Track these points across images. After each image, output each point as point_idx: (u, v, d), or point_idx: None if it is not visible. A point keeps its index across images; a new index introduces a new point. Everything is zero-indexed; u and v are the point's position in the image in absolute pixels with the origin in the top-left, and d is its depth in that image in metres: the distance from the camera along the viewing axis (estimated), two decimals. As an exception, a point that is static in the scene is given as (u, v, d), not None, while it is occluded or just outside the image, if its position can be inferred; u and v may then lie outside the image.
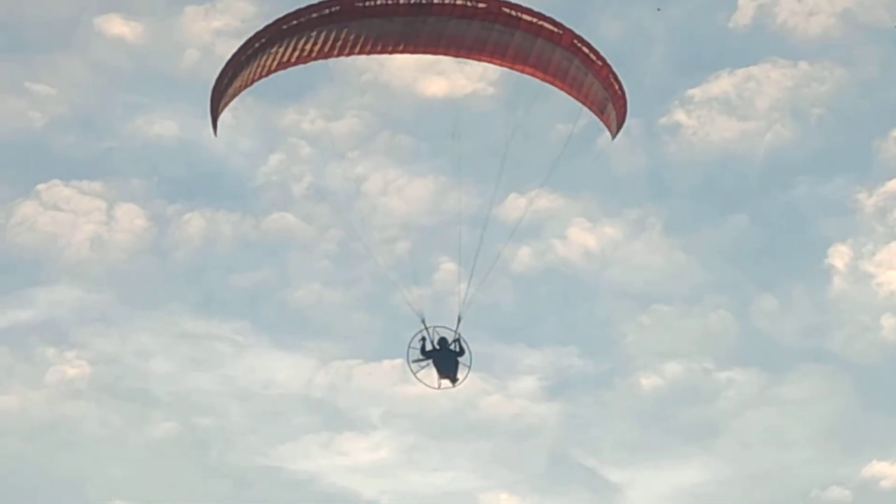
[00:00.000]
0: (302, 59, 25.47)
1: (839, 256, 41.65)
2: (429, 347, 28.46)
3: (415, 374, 28.25)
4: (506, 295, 41.20)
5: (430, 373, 27.77)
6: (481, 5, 25.57)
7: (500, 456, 39.65)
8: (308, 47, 25.48)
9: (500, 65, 26.84)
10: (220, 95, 25.73)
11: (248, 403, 40.23)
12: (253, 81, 25.61)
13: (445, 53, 26.20)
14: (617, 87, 27.38)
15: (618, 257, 42.19)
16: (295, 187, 42.56)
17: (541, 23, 26.22)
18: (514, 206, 36.68)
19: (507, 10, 25.81)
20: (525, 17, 26.06)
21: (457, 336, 28.23)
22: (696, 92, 43.29)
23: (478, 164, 30.73)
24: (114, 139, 43.59)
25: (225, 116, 36.44)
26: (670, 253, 42.07)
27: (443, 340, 28.43)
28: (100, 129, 43.71)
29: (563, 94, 27.43)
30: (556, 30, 26.35)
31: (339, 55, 25.72)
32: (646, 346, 40.99)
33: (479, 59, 26.56)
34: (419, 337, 28.35)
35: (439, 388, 28.48)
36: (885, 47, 43.93)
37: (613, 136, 28.70)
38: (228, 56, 25.18)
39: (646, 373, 40.17)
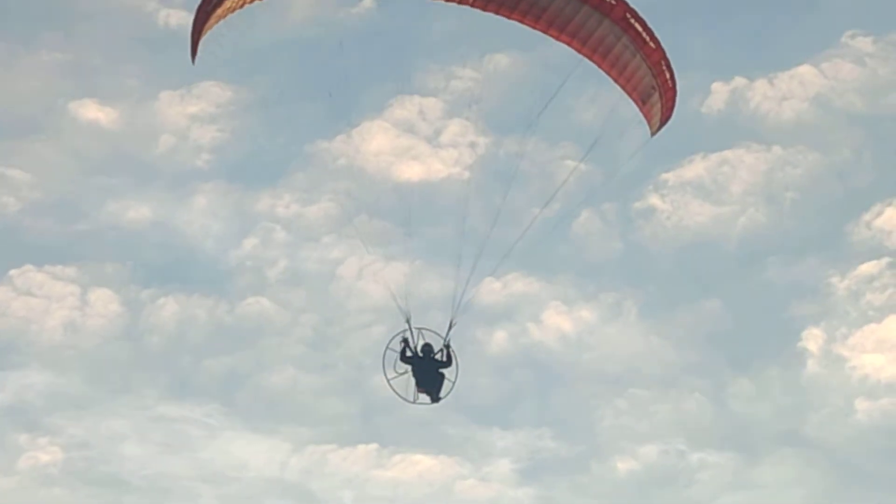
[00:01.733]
0: None
1: (813, 340, 42.64)
2: (410, 353, 26.39)
3: (389, 381, 26.09)
4: (481, 378, 41.47)
5: (409, 383, 26.00)
6: None
7: (477, 542, 42.26)
8: None
9: (534, 27, 24.90)
10: (203, 21, 24.43)
11: (221, 487, 40.99)
12: (235, 9, 24.42)
13: (509, 16, 24.58)
14: (668, 75, 25.51)
15: (593, 341, 43.16)
16: (269, 271, 43.71)
17: None
18: (490, 289, 39.91)
19: None
20: None
21: (446, 343, 26.11)
22: (669, 176, 44.50)
23: (453, 247, 28.43)
24: (88, 224, 44.56)
25: (199, 200, 39.38)
26: (646, 336, 43.46)
27: (427, 347, 26.30)
28: (74, 214, 44.76)
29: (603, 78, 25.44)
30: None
31: None
32: (621, 430, 41.88)
33: (511, 17, 24.84)
34: (400, 338, 26.19)
35: (415, 402, 26.37)
36: (858, 131, 45.64)
37: (654, 133, 26.74)
38: None
39: (622, 456, 41.27)
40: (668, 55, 24.94)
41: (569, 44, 24.89)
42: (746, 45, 46.83)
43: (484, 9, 24.43)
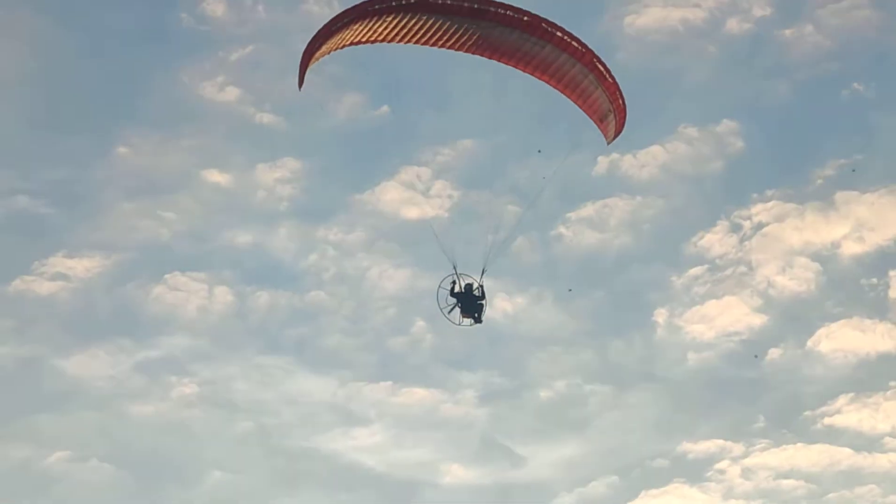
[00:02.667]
0: (373, 40, 27.04)
1: (660, 316, 49.33)
2: (457, 289, 29.73)
3: (442, 309, 29.47)
4: (454, 340, 47.89)
5: (454, 312, 29.49)
6: (525, 18, 27.40)
7: (453, 441, 47.33)
8: (381, 30, 26.95)
9: (524, 70, 28.49)
10: (308, 58, 27.10)
11: (295, 408, 47.71)
12: (331, 51, 27.13)
13: (483, 55, 28.01)
14: (621, 101, 28.98)
15: (525, 317, 49.36)
16: (324, 275, 50.14)
17: (569, 40, 27.94)
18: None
19: (544, 25, 27.57)
20: (558, 33, 27.74)
21: (480, 283, 29.76)
22: (572, 215, 50.36)
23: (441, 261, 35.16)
24: (213, 246, 51.23)
25: (281, 231, 45.35)
26: (558, 315, 49.85)
27: (468, 286, 29.87)
28: (204, 240, 51.30)
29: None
30: (580, 48, 27.99)
31: (403, 41, 27.28)
32: (542, 372, 48.59)
33: (508, 63, 28.34)
34: (450, 280, 29.68)
35: (460, 324, 29.90)
36: (688, 186, 51.52)
37: (609, 142, 30.06)
38: (319, 28, 27.02)
39: (542, 388, 48.20)
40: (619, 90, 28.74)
41: (548, 82, 28.70)
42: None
43: (490, 57, 28.06)
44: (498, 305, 47.76)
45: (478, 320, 29.93)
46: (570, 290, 50.75)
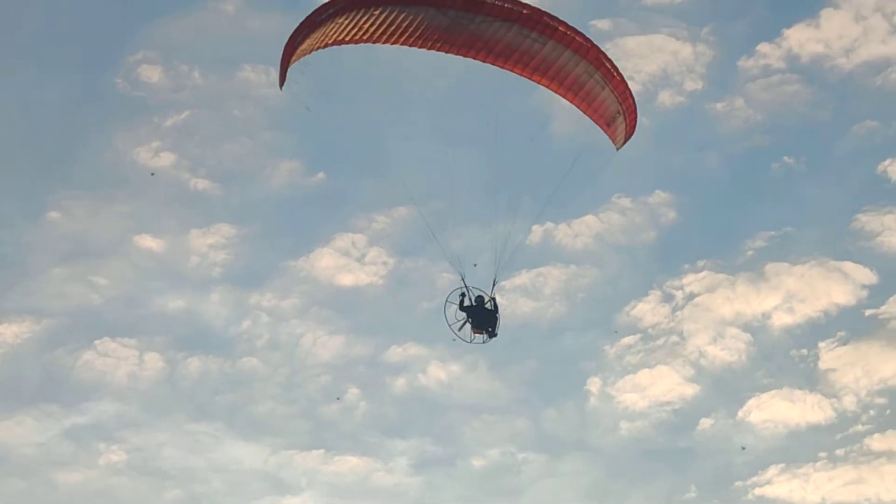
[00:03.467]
0: (359, 39, 24.98)
1: (593, 384, 49.32)
2: (467, 303, 27.88)
3: (450, 325, 27.59)
4: (388, 408, 48.63)
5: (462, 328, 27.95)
6: (525, 11, 25.17)
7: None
8: (366, 26, 24.91)
9: (521, 73, 26.13)
10: (289, 55, 25.63)
11: (224, 476, 47.48)
12: (313, 49, 25.53)
13: (476, 57, 25.70)
14: (631, 100, 27.04)
15: (459, 385, 49.33)
16: (257, 342, 49.98)
17: (573, 35, 25.65)
18: (394, 352, 48.81)
19: (546, 19, 25.39)
20: (561, 27, 25.49)
21: (492, 297, 27.93)
22: (506, 283, 46.97)
23: (373, 325, 40.38)
24: (145, 311, 50.94)
25: (214, 296, 44.76)
26: (491, 382, 49.86)
27: (480, 298, 27.99)
28: (135, 306, 51.12)
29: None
30: (584, 42, 25.71)
31: (389, 41, 25.09)
32: (475, 440, 48.36)
33: (504, 66, 25.97)
34: (459, 292, 27.80)
35: (471, 341, 28.03)
36: (621, 256, 51.89)
37: (619, 147, 28.07)
38: (301, 21, 25.48)
39: (476, 456, 48.02)
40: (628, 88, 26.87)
41: (548, 86, 26.41)
42: (552, 202, 47.45)
43: (483, 60, 25.68)
44: (431, 373, 49.04)
45: (492, 334, 28.28)
46: (616, 331, 50.37)
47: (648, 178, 53.19)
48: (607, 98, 26.80)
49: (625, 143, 27.84)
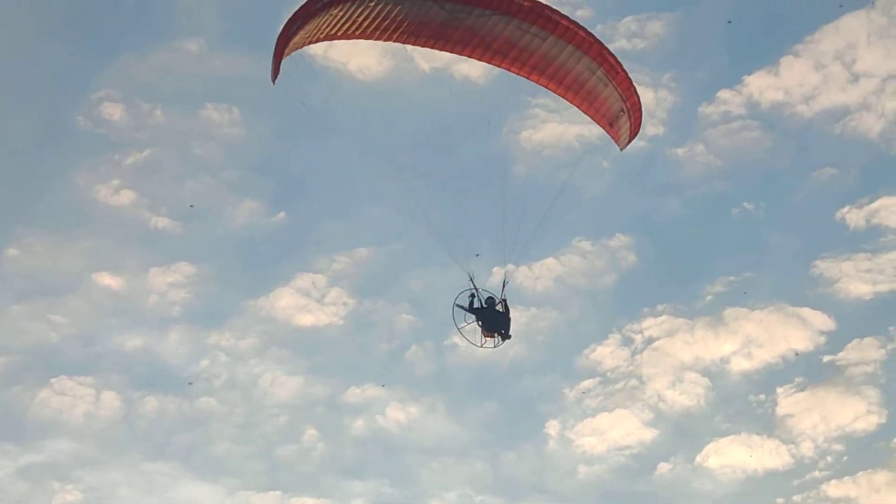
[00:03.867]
0: (352, 34, 23.89)
1: (552, 428, 48.85)
2: (476, 305, 26.85)
3: (459, 329, 26.65)
4: (346, 449, 48.14)
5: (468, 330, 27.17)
6: (525, 4, 24.05)
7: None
8: (360, 19, 23.80)
9: (518, 72, 25.18)
10: (283, 47, 24.07)
11: None
12: (306, 43, 24.30)
13: (472, 54, 24.73)
14: (636, 98, 25.85)
15: (417, 427, 48.73)
16: (216, 381, 49.42)
17: (575, 29, 24.43)
18: (353, 393, 48.54)
19: (548, 13, 24.27)
20: (563, 21, 24.37)
21: (502, 298, 27.06)
22: (466, 325, 45.44)
23: (332, 366, 40.15)
24: (102, 349, 50.09)
25: (173, 335, 45.17)
26: (449, 425, 49.36)
27: (490, 300, 26.95)
28: (93, 343, 50.15)
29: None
30: (587, 37, 24.55)
31: (382, 38, 23.98)
32: (431, 481, 47.75)
33: (501, 65, 25.04)
34: (468, 293, 26.62)
35: (482, 346, 27.21)
36: (581, 299, 51.53)
37: (622, 147, 26.95)
38: (295, 11, 24.09)
39: (433, 499, 47.33)
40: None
41: (546, 85, 25.41)
42: (513, 246, 46.70)
43: (479, 57, 24.76)
44: (390, 415, 48.82)
45: (506, 336, 27.45)
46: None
47: (609, 222, 53.09)
48: (610, 96, 25.91)
49: (629, 142, 26.98)
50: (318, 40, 24.16)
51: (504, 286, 27.16)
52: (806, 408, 47.59)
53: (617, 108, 25.87)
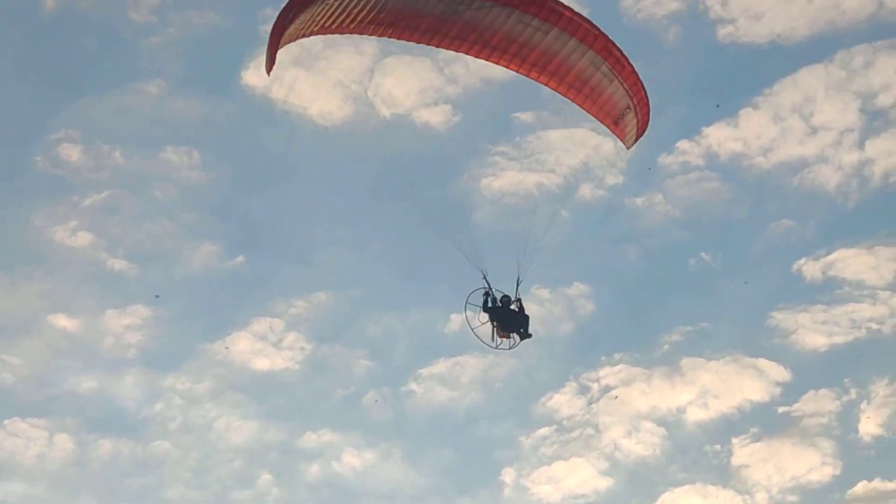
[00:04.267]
0: (346, 27, 22.77)
1: (508, 475, 48.64)
2: (491, 304, 25.68)
3: (473, 330, 25.50)
4: (300, 494, 47.75)
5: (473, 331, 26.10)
6: None
7: None
8: (355, 12, 22.75)
9: (518, 70, 24.19)
10: (278, 38, 22.92)
11: None
12: (301, 36, 23.24)
13: (469, 51, 23.65)
14: (643, 93, 24.77)
15: (374, 473, 48.53)
16: (170, 424, 49.23)
17: (580, 21, 23.36)
18: (308, 438, 48.41)
19: (551, 3, 23.25)
20: (567, 13, 23.38)
21: (517, 297, 25.84)
22: (423, 371, 50.20)
23: (288, 411, 39.95)
24: (56, 391, 49.58)
25: (128, 378, 45.07)
26: (407, 471, 48.98)
27: (506, 298, 25.76)
28: (47, 385, 49.64)
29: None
30: (592, 29, 23.50)
31: (377, 32, 22.93)
32: None
33: (499, 62, 24.03)
34: (482, 291, 25.46)
35: (497, 347, 26.04)
36: (538, 349, 49.89)
37: (629, 146, 25.94)
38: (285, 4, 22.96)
39: None
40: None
41: (547, 83, 24.42)
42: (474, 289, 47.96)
43: (477, 54, 23.72)
44: (346, 461, 48.69)
45: (526, 335, 26.26)
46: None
47: (568, 270, 52.86)
48: (615, 93, 24.91)
49: (637, 140, 25.96)
50: (312, 33, 23.27)
51: (518, 285, 26.06)
52: (761, 458, 47.49)
53: (623, 105, 25.04)
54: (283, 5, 23.02)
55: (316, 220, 52.26)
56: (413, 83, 51.83)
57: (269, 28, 23.06)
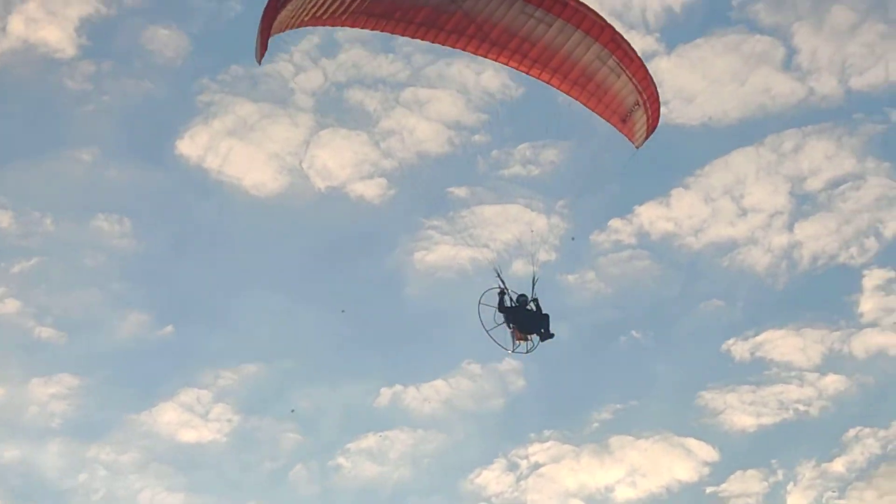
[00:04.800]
0: (337, 18, 21.62)
1: None
2: (507, 304, 24.18)
3: (488, 332, 24.06)
4: None
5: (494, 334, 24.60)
6: None
7: None
8: (348, 2, 21.65)
9: (517, 67, 22.91)
10: (269, 26, 21.56)
11: None
12: (291, 27, 21.92)
13: (466, 47, 22.34)
14: (653, 88, 23.50)
15: None
16: (94, 496, 48.20)
17: (585, 11, 22.16)
18: None
19: None
20: (571, 2, 22.15)
21: (534, 297, 24.52)
22: (351, 446, 49.88)
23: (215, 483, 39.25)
24: None
25: (52, 447, 44.44)
26: None
27: (522, 297, 24.34)
28: None
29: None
30: (598, 20, 22.17)
31: (368, 25, 21.74)
32: None
33: (498, 59, 22.75)
34: (497, 290, 23.98)
35: (513, 351, 24.69)
36: (469, 423, 51.50)
37: (639, 145, 24.66)
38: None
39: None
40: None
41: (549, 81, 23.09)
42: (404, 364, 51.33)
43: (475, 51, 22.46)
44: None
45: (547, 335, 25.01)
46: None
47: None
48: (623, 89, 23.56)
49: (647, 138, 24.60)
50: (303, 24, 21.98)
51: (534, 283, 24.91)
52: (688, 537, 47.74)
53: (631, 102, 23.72)
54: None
55: (247, 290, 52.00)
56: (348, 156, 52.37)
57: (205, 98, 22.71)
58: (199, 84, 52.77)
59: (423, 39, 22.21)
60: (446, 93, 52.48)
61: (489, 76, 50.54)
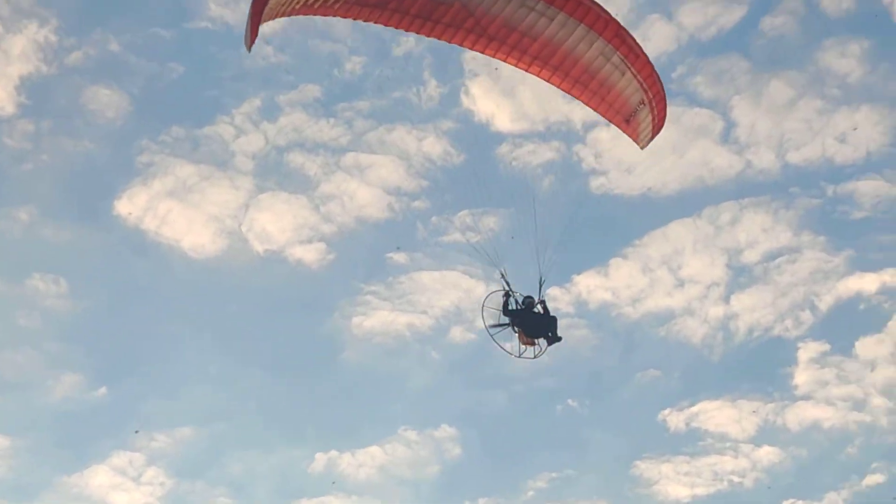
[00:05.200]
0: (330, 8, 20.70)
1: None
2: (513, 307, 23.49)
3: (493, 336, 23.45)
4: None
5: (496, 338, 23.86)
6: None
7: None
8: None
9: (516, 64, 21.74)
10: (259, 12, 20.42)
11: None
12: (280, 15, 20.85)
13: (463, 42, 21.27)
14: (659, 86, 22.46)
15: None
16: None
17: (589, 4, 20.97)
18: None
19: None
20: None
21: (541, 299, 23.57)
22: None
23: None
24: None
25: None
26: None
27: (528, 299, 23.46)
28: None
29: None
30: (602, 14, 21.11)
31: (361, 16, 20.84)
32: None
33: (496, 55, 21.64)
34: (501, 294, 23.23)
35: (520, 355, 23.73)
36: (406, 489, 51.05)
37: (644, 146, 23.53)
38: None
39: None
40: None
41: (549, 79, 22.04)
42: (340, 429, 51.26)
43: (472, 46, 21.48)
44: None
45: (555, 338, 23.75)
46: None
47: (436, 413, 53.29)
48: (627, 87, 22.43)
49: (653, 137, 23.52)
50: (294, 12, 20.89)
51: (541, 287, 23.72)
52: None
53: (636, 101, 22.65)
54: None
55: (183, 353, 51.67)
56: (288, 220, 52.21)
57: (144, 159, 22.35)
58: (138, 145, 52.60)
59: (417, 33, 21.33)
60: (387, 158, 52.90)
61: (430, 142, 51.15)
